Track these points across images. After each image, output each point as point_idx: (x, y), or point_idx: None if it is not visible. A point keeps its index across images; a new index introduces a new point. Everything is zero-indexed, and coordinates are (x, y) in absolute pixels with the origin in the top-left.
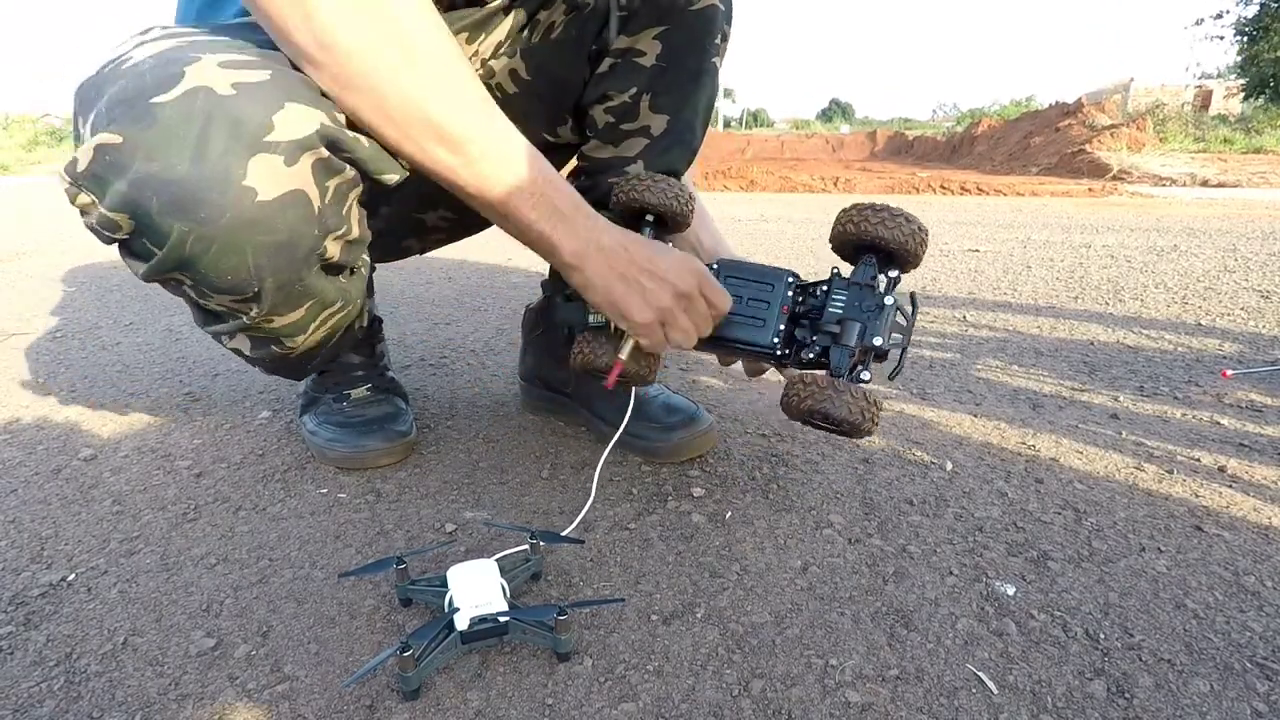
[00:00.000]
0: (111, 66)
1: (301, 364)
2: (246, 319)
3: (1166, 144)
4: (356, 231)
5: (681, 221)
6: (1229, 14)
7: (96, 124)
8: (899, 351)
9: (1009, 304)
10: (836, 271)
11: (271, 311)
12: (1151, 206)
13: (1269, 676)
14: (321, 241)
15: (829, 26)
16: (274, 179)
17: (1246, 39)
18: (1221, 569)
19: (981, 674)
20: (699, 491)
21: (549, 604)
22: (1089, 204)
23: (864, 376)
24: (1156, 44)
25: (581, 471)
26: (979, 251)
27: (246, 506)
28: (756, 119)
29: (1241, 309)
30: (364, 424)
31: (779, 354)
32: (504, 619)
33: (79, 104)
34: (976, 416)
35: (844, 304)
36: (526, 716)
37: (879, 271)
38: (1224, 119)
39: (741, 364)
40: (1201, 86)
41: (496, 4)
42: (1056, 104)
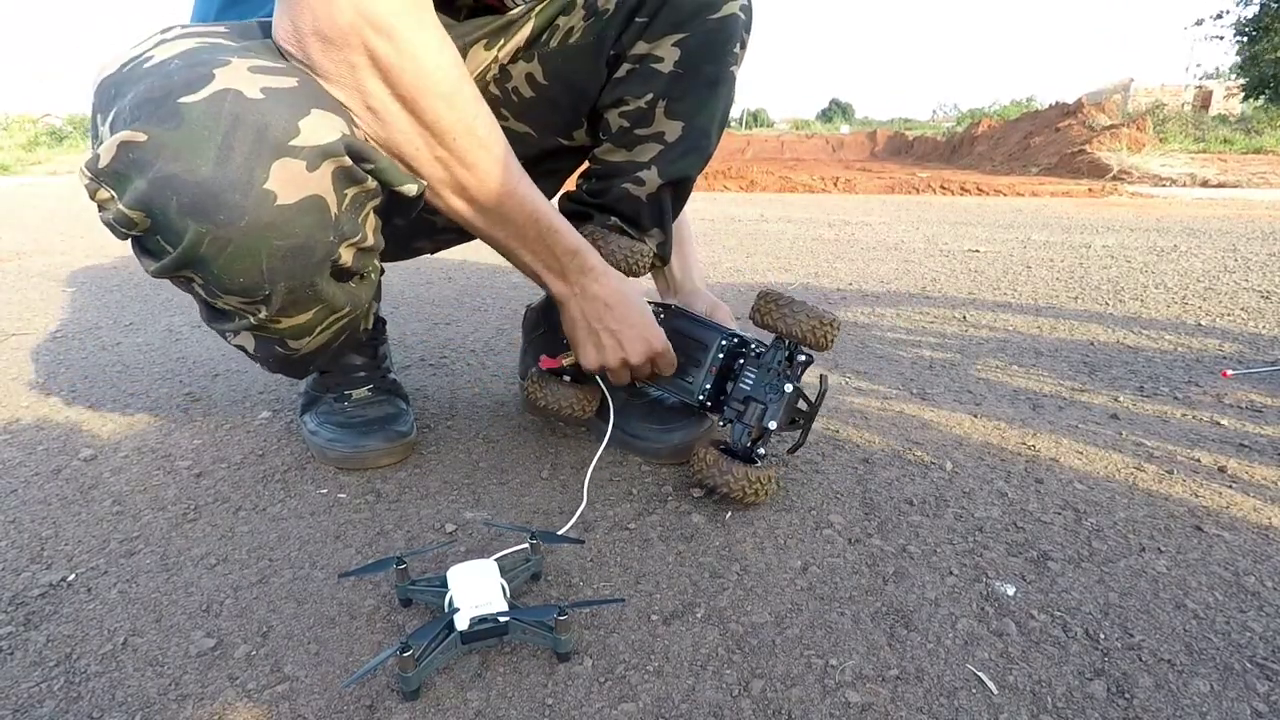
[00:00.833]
0: (133, 65)
1: (304, 364)
2: (254, 319)
3: (1166, 144)
4: (371, 240)
5: (638, 275)
6: (1229, 14)
7: (119, 121)
8: (800, 430)
9: (1009, 304)
10: (755, 348)
11: (279, 313)
12: (1151, 207)
13: (1269, 676)
14: (336, 248)
15: (829, 26)
16: (294, 184)
17: (1246, 39)
18: (1221, 569)
19: (981, 674)
20: (699, 492)
21: (549, 604)
22: (1089, 204)
23: (760, 453)
24: (1156, 44)
25: (581, 472)
26: (979, 252)
27: (246, 507)
28: (756, 119)
29: (1241, 309)
30: (364, 424)
31: (704, 406)
32: (504, 619)
33: (98, 101)
34: (976, 416)
35: (752, 383)
36: (526, 716)
37: (791, 355)
38: (1224, 119)
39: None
40: (1202, 87)
41: (517, 10)
42: (1056, 104)
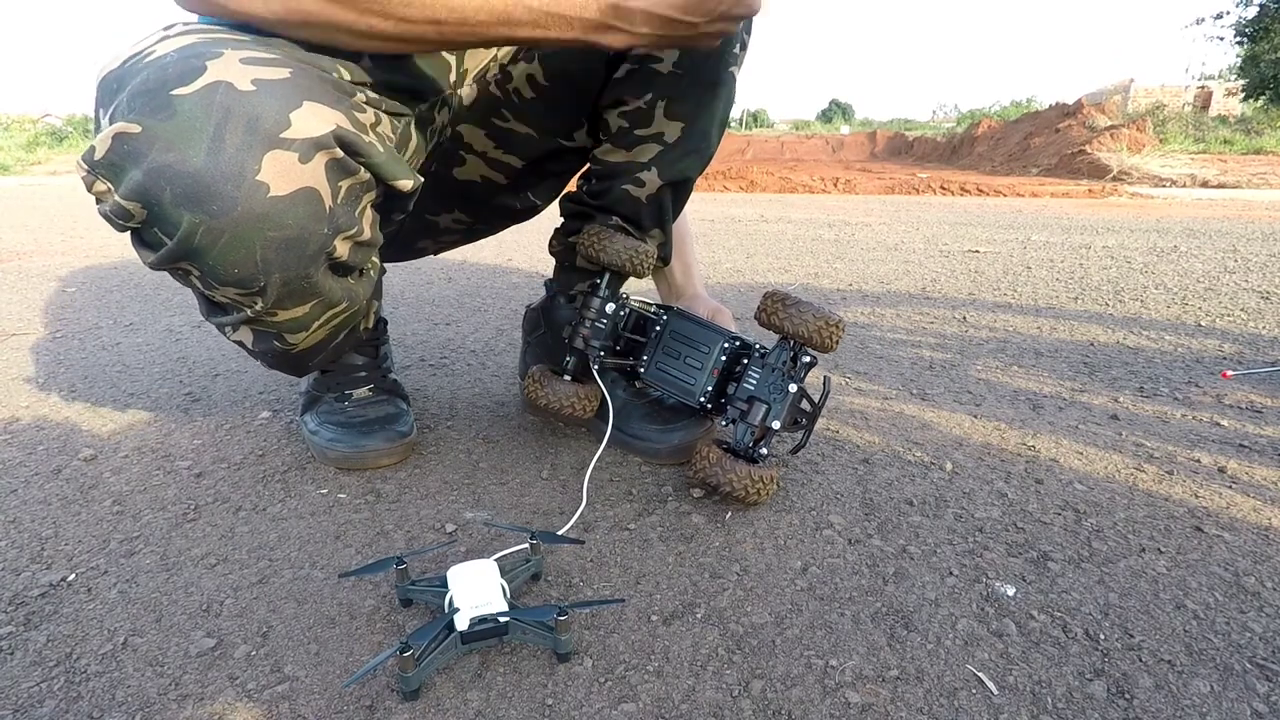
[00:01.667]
0: (134, 60)
1: (303, 360)
2: (250, 312)
3: (1166, 145)
4: (368, 233)
5: (640, 275)
6: (1229, 14)
7: (117, 114)
8: (802, 431)
9: (1009, 304)
10: (759, 349)
11: (275, 306)
12: (1151, 207)
13: (1269, 677)
14: (331, 240)
15: (829, 26)
16: (287, 175)
17: (1246, 40)
18: (1221, 569)
19: (981, 674)
20: (699, 492)
21: (549, 604)
22: (1089, 205)
23: (762, 452)
24: (1156, 44)
25: (581, 472)
26: (979, 252)
27: (246, 507)
28: (756, 119)
29: (1241, 310)
30: (365, 424)
31: (705, 408)
32: (504, 619)
33: (100, 95)
34: (976, 417)
35: (756, 383)
36: (526, 717)
37: (795, 356)
38: (1224, 120)
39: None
40: (1202, 87)
41: None
42: (1056, 105)
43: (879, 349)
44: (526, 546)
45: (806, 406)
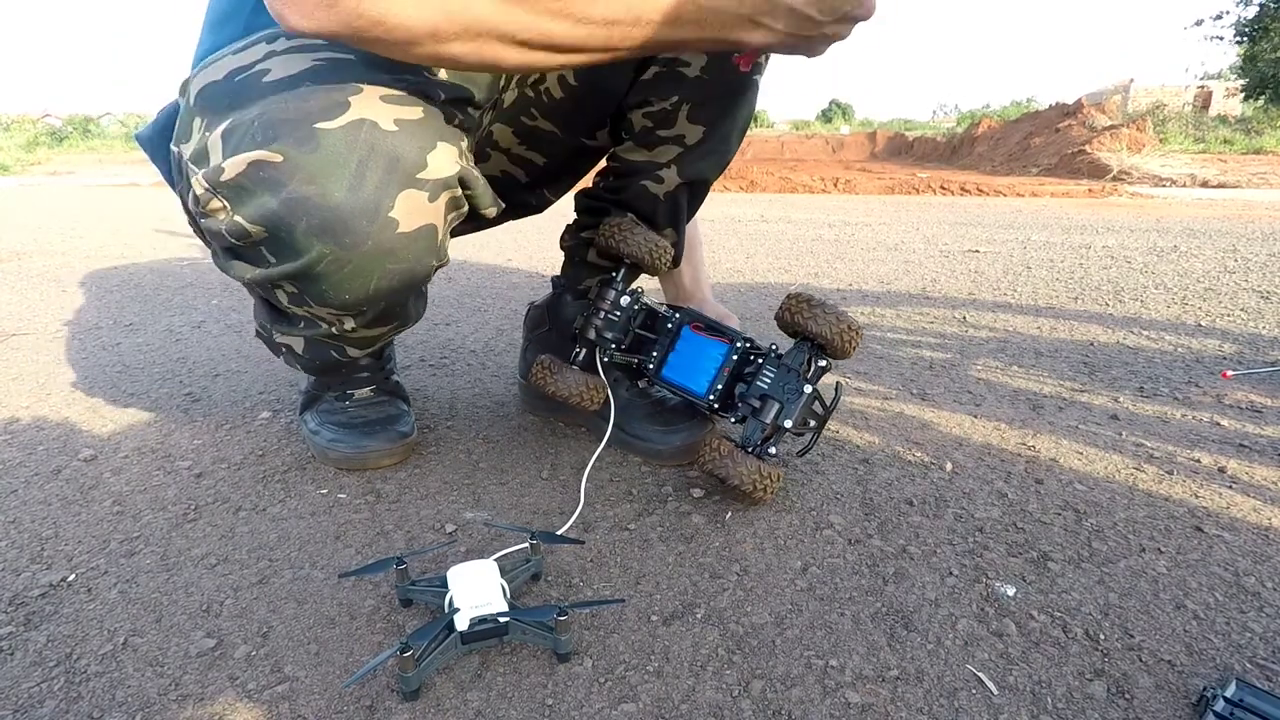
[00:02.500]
0: (246, 76)
1: (340, 368)
2: (335, 329)
3: (1166, 145)
4: (449, 258)
5: (657, 270)
6: (1229, 14)
7: (241, 135)
8: (811, 434)
9: (1009, 304)
10: (774, 349)
11: (366, 326)
12: (1151, 207)
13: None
14: (434, 270)
15: None
16: (416, 213)
17: (1246, 39)
18: (1221, 570)
19: (981, 674)
20: (699, 492)
21: (549, 604)
22: (1089, 205)
23: (771, 451)
24: (1156, 44)
25: (582, 472)
26: (979, 252)
27: (246, 507)
28: (756, 119)
29: (1241, 310)
30: (366, 425)
31: (713, 407)
32: (504, 619)
33: (202, 105)
34: (976, 417)
35: (770, 382)
36: (526, 717)
37: (810, 358)
38: (1224, 120)
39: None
40: (1202, 87)
41: None
42: (1056, 105)
43: (879, 349)
44: (526, 546)
45: (819, 409)
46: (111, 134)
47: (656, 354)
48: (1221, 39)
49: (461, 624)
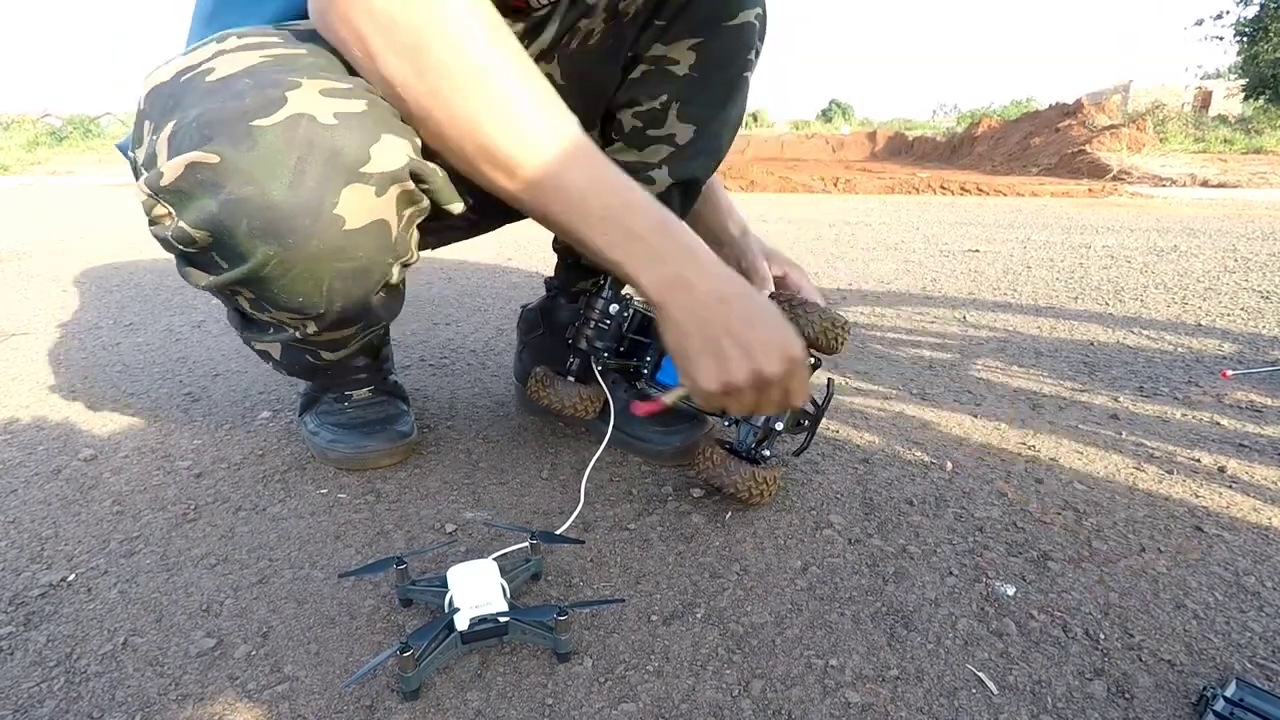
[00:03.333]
0: (192, 76)
1: (323, 371)
2: (299, 334)
3: (1166, 144)
4: (416, 256)
5: None
6: (1229, 14)
7: (182, 137)
8: (805, 433)
9: (1009, 304)
10: None
11: (328, 329)
12: (1151, 207)
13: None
14: (391, 268)
15: (829, 26)
16: (363, 209)
17: (1246, 39)
18: (1221, 569)
19: (981, 674)
20: (698, 492)
21: (549, 604)
22: (1089, 204)
23: (764, 454)
24: (1156, 44)
25: (582, 472)
26: (979, 252)
27: (246, 507)
28: (756, 119)
29: (1241, 309)
30: (365, 425)
31: (706, 411)
32: (504, 619)
33: (150, 108)
34: (976, 416)
35: None
36: (526, 717)
37: None
38: (1224, 119)
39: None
40: (1201, 87)
41: (541, 14)
42: (1056, 105)
43: (879, 349)
44: (526, 546)
45: (810, 408)
46: (112, 134)
47: (650, 358)
48: (1221, 39)
49: (461, 624)
